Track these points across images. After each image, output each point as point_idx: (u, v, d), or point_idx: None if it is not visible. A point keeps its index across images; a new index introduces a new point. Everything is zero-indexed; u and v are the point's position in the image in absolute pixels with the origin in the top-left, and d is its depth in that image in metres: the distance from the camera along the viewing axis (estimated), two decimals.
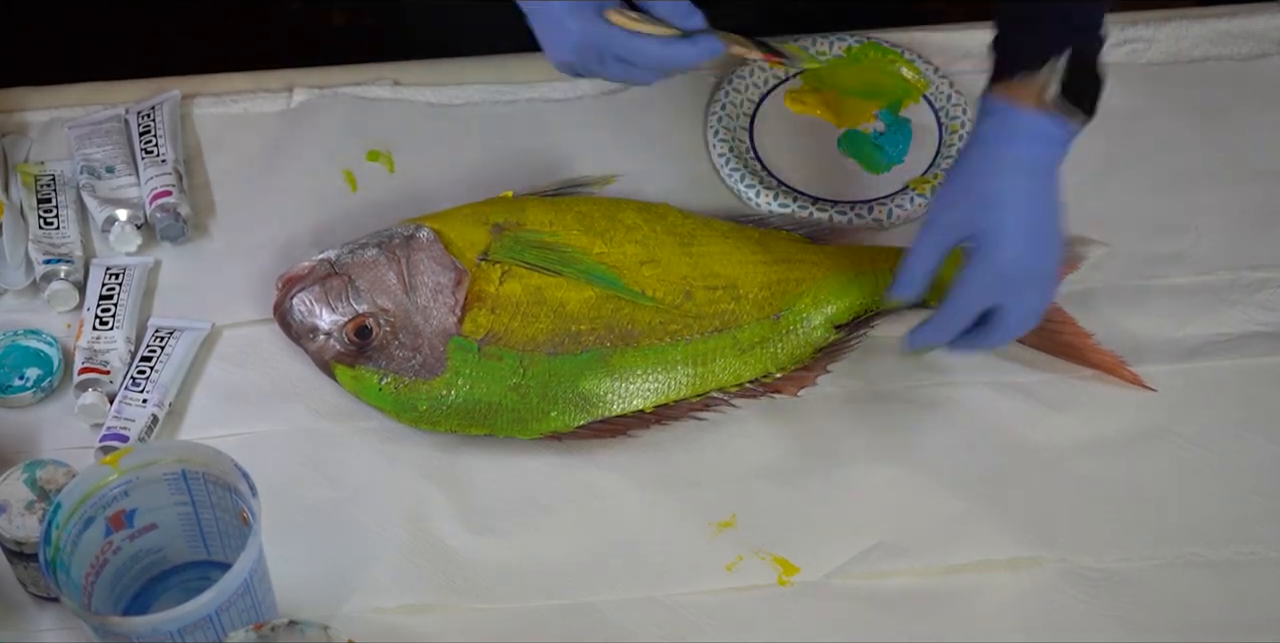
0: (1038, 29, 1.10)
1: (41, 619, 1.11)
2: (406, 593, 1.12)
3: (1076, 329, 1.22)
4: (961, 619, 1.11)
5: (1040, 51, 1.10)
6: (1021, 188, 1.11)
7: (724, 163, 1.32)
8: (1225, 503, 1.16)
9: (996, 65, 1.12)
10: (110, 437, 1.16)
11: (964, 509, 1.16)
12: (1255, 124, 1.36)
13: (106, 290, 1.24)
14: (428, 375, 1.18)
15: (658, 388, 1.18)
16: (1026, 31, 1.11)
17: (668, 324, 1.19)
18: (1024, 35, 1.11)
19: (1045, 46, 1.10)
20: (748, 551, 1.14)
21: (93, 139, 1.32)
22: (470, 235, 1.21)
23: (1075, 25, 1.11)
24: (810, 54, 1.17)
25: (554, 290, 1.19)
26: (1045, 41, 1.10)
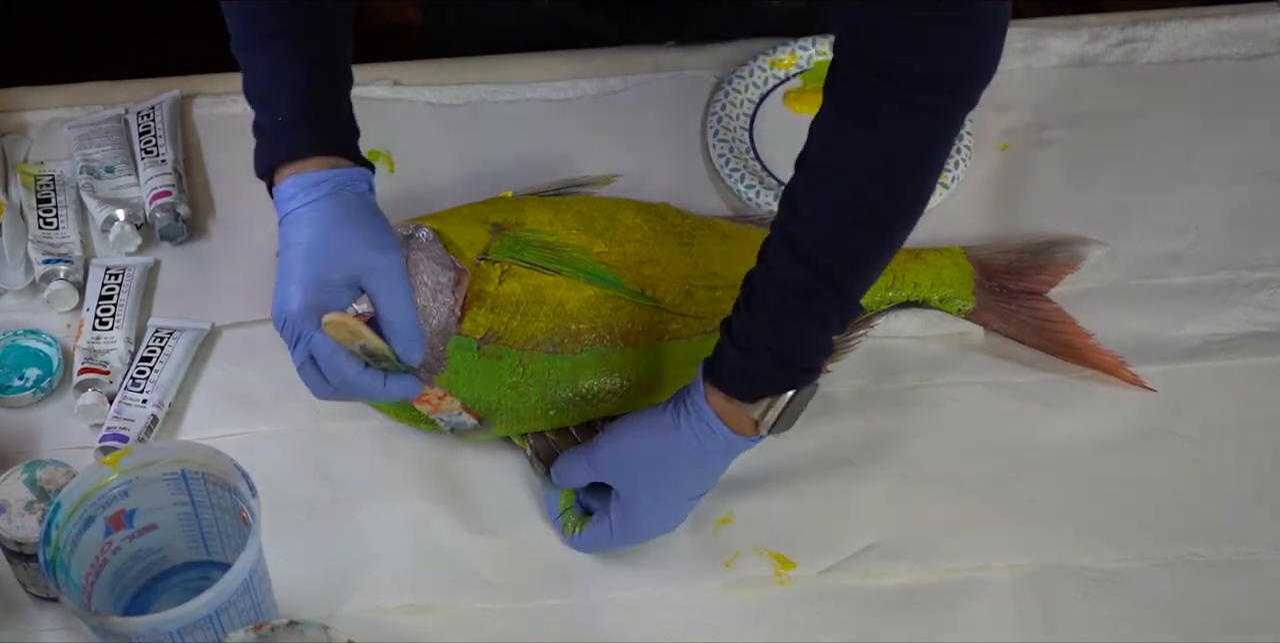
0: (764, 369, 1.05)
1: (41, 619, 1.11)
2: (406, 593, 1.12)
3: (1076, 329, 1.22)
4: (961, 619, 1.11)
5: (763, 390, 1.06)
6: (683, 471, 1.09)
7: (724, 163, 1.32)
8: (1225, 503, 1.16)
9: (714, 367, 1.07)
10: (110, 437, 1.16)
11: (963, 509, 1.16)
12: (1255, 124, 1.36)
13: (106, 290, 1.24)
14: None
15: (657, 387, 1.18)
16: (752, 366, 1.05)
17: (667, 323, 1.19)
18: (749, 369, 1.06)
19: (770, 386, 1.06)
20: (745, 547, 1.14)
21: (92, 139, 1.32)
22: (469, 235, 1.21)
23: (801, 366, 1.06)
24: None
25: (553, 290, 1.19)
26: (771, 382, 1.06)
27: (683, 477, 1.09)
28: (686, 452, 1.08)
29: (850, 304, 1.06)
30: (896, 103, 0.99)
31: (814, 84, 1.37)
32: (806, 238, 1.03)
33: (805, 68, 1.38)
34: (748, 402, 1.06)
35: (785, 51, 1.38)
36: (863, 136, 1.02)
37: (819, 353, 1.07)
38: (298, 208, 1.06)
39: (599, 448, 1.10)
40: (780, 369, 1.06)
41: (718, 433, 1.07)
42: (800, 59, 1.38)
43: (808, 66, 1.38)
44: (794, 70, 1.38)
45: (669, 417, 1.08)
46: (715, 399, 1.07)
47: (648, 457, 1.09)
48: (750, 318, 1.06)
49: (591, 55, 1.40)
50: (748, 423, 1.07)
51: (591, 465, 1.10)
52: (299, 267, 1.04)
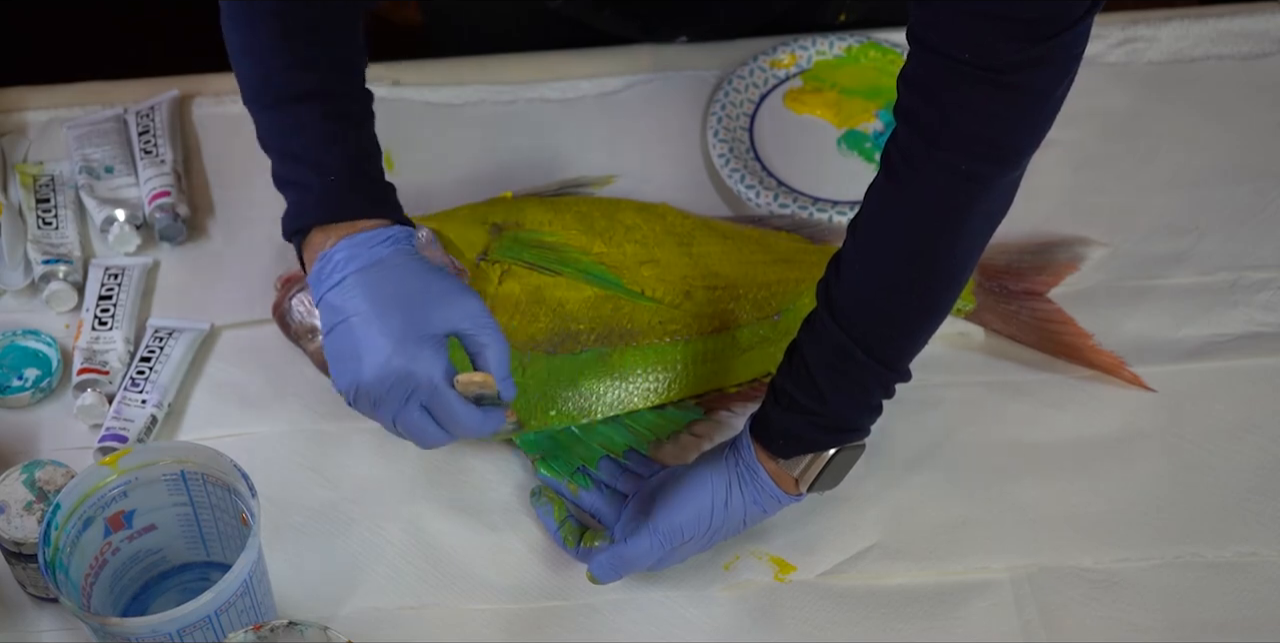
0: (802, 429, 1.06)
1: (41, 620, 1.11)
2: (406, 593, 1.12)
3: (1076, 329, 1.22)
4: (961, 619, 1.11)
5: (803, 447, 1.07)
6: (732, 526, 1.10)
7: (724, 163, 1.32)
8: (1225, 503, 1.16)
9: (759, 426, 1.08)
10: (109, 437, 1.16)
11: (964, 509, 1.16)
12: (1255, 124, 1.36)
13: (105, 291, 1.24)
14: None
15: (657, 388, 1.18)
16: (791, 426, 1.07)
17: (667, 324, 1.19)
18: (788, 429, 1.07)
19: (808, 446, 1.07)
20: (745, 551, 1.14)
21: (91, 139, 1.32)
22: (469, 235, 1.21)
23: (839, 428, 1.07)
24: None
25: (553, 290, 1.19)
26: (809, 443, 1.07)
27: (729, 530, 1.10)
28: (745, 511, 1.09)
29: (891, 370, 1.06)
30: (938, 165, 0.99)
31: (814, 84, 1.37)
32: (845, 303, 1.04)
33: (805, 68, 1.38)
34: (784, 459, 1.07)
35: (785, 51, 1.38)
36: (902, 199, 1.02)
37: (858, 415, 1.08)
38: (356, 271, 1.03)
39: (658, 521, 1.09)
40: (817, 430, 1.07)
41: (771, 495, 1.08)
42: (800, 59, 1.38)
43: (808, 66, 1.38)
44: (794, 70, 1.38)
45: (729, 475, 1.09)
46: (761, 456, 1.08)
47: (704, 517, 1.09)
48: (791, 378, 1.07)
49: (591, 55, 1.40)
50: (789, 481, 1.08)
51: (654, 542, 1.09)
52: (379, 328, 1.02)
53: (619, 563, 1.09)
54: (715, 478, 1.09)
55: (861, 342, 1.04)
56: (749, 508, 1.09)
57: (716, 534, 1.09)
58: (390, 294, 1.03)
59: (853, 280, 1.04)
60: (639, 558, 1.09)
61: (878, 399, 1.07)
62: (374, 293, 1.02)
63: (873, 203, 1.04)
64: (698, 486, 1.09)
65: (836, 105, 1.36)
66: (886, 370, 1.06)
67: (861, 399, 1.07)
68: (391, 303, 1.02)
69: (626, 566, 1.09)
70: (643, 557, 1.09)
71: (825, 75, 1.38)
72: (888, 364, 1.06)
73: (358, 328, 1.02)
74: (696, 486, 1.09)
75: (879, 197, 1.04)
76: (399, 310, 1.02)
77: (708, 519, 1.08)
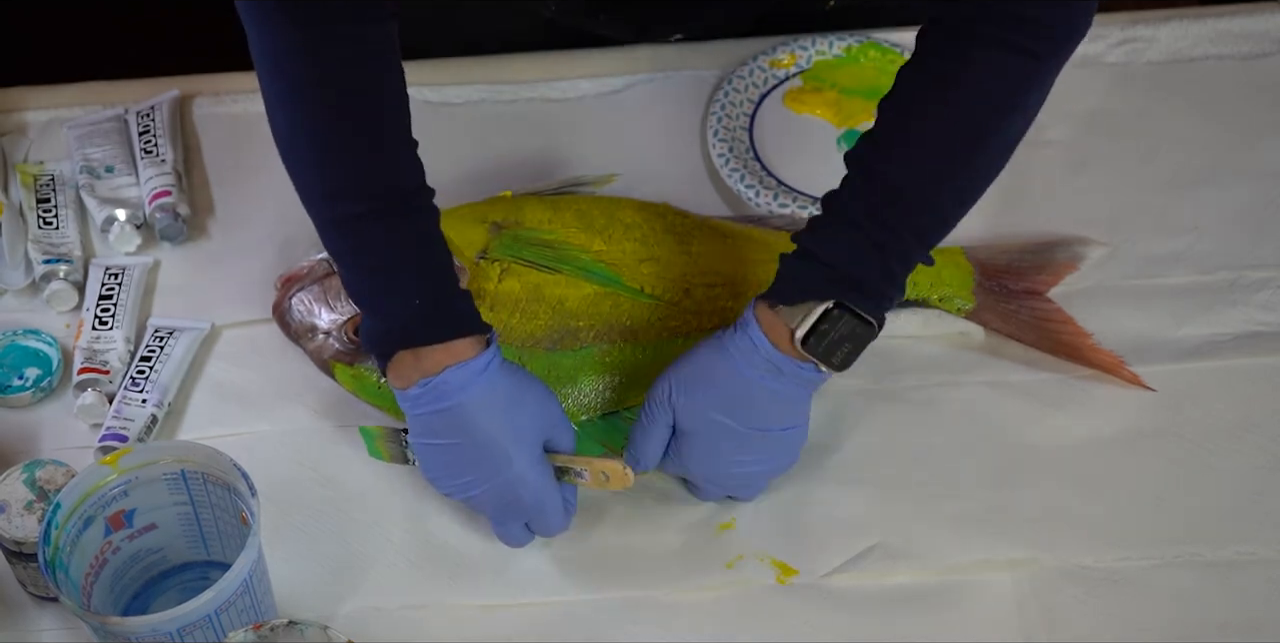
0: (817, 269, 1.06)
1: (41, 619, 1.11)
2: (406, 593, 1.12)
3: (1076, 329, 1.22)
4: (961, 619, 1.11)
5: (803, 291, 1.06)
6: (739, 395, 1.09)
7: (724, 163, 1.32)
8: (1225, 503, 1.16)
9: (773, 283, 1.09)
10: (110, 437, 1.16)
11: (963, 509, 1.16)
12: (1255, 124, 1.36)
13: (106, 290, 1.24)
14: None
15: None
16: (805, 266, 1.07)
17: (667, 320, 1.19)
18: (799, 274, 1.07)
19: (810, 288, 1.06)
20: (748, 552, 1.14)
21: (92, 139, 1.32)
22: (469, 234, 1.21)
23: (855, 279, 1.06)
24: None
25: (553, 288, 1.19)
26: (813, 284, 1.06)
27: (743, 405, 1.09)
28: (736, 377, 1.08)
29: (919, 246, 1.07)
30: (995, 44, 1.01)
31: (814, 84, 1.37)
32: (892, 175, 1.05)
33: (805, 68, 1.38)
34: (788, 305, 1.06)
35: (785, 51, 1.38)
36: (957, 79, 1.03)
37: (878, 281, 1.07)
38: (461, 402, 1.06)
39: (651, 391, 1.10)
40: (830, 281, 1.06)
41: (759, 346, 1.07)
42: (800, 59, 1.38)
43: (808, 66, 1.38)
44: (794, 70, 1.38)
45: (714, 340, 1.09)
46: (761, 310, 1.08)
47: (702, 385, 1.08)
48: (815, 233, 1.07)
49: (591, 55, 1.40)
50: (786, 335, 1.06)
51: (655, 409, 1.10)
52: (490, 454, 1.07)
53: (633, 447, 1.11)
54: (701, 343, 1.10)
55: (898, 214, 1.05)
56: (741, 367, 1.07)
57: (717, 412, 1.09)
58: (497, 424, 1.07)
59: (900, 157, 1.05)
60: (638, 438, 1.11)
61: (892, 269, 1.06)
62: (483, 419, 1.06)
63: (916, 83, 1.05)
64: (682, 355, 1.10)
65: (836, 105, 1.36)
66: (915, 244, 1.06)
67: (880, 262, 1.06)
68: (514, 428, 1.07)
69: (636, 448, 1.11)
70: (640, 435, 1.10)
71: (825, 75, 1.38)
72: (918, 235, 1.06)
73: (468, 452, 1.07)
74: (681, 356, 1.10)
75: (925, 78, 1.05)
76: (522, 434, 1.07)
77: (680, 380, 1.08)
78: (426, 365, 1.05)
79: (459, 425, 1.07)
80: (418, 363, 1.05)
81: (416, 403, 1.07)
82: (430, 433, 1.08)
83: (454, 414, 1.06)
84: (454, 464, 1.09)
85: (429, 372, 1.05)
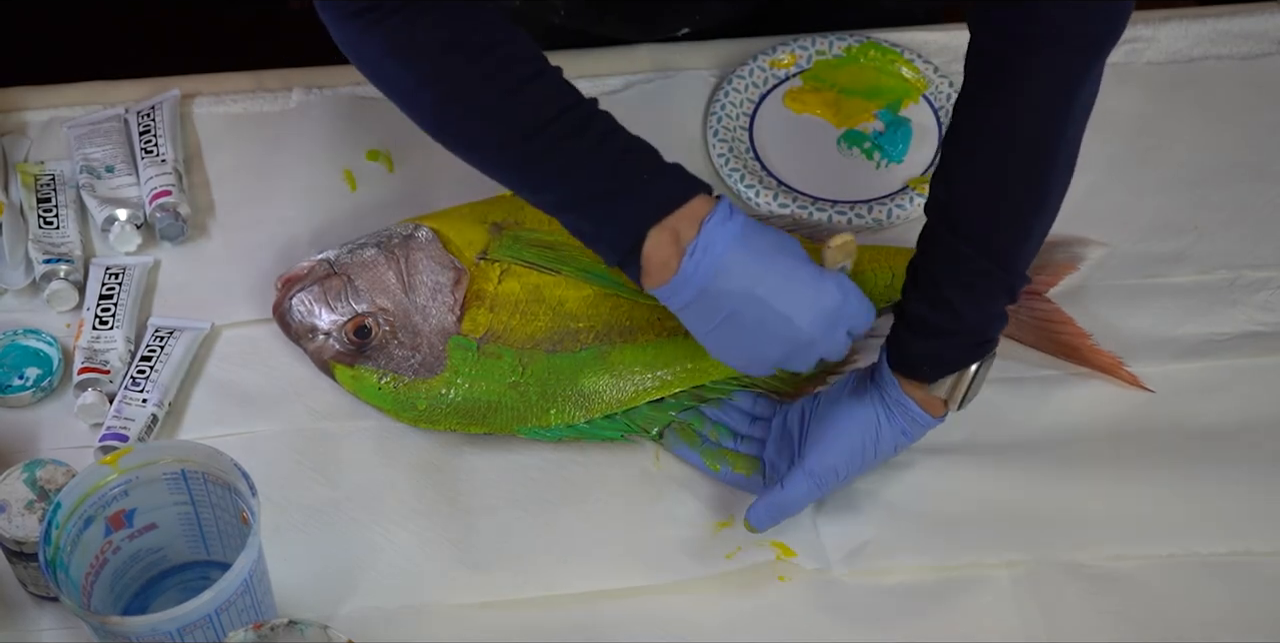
0: (942, 350, 1.09)
1: (41, 619, 1.11)
2: (406, 593, 1.12)
3: (1076, 329, 1.22)
4: (961, 619, 1.11)
5: (948, 367, 1.09)
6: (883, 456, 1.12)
7: (724, 163, 1.32)
8: (1225, 503, 1.16)
9: (898, 357, 1.10)
10: (110, 436, 1.16)
11: (963, 508, 1.16)
12: (1255, 124, 1.36)
13: (106, 290, 1.24)
14: (427, 374, 1.17)
15: (656, 384, 1.18)
16: (930, 349, 1.09)
17: (665, 320, 1.19)
18: (928, 353, 1.09)
19: (951, 366, 1.09)
20: (747, 544, 1.14)
21: (92, 139, 1.32)
22: (469, 234, 1.21)
23: (980, 339, 1.09)
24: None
25: (552, 289, 1.19)
26: (952, 362, 1.09)
27: (878, 461, 1.13)
28: (897, 443, 1.11)
29: (1016, 273, 1.08)
30: (1038, 62, 1.03)
31: (814, 84, 1.37)
32: (964, 215, 1.07)
33: (805, 68, 1.38)
34: (930, 383, 1.09)
35: (785, 51, 1.38)
36: (1008, 102, 1.05)
37: (991, 325, 1.09)
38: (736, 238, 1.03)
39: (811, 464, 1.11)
40: (959, 350, 1.09)
41: (921, 422, 1.11)
42: (800, 59, 1.38)
43: (808, 66, 1.38)
44: (794, 70, 1.38)
45: (880, 412, 1.11)
46: (906, 386, 1.10)
47: (856, 455, 1.11)
48: (923, 302, 1.08)
49: (591, 55, 1.40)
50: (936, 403, 1.10)
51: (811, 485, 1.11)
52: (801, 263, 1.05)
53: (776, 510, 1.11)
54: (864, 415, 1.11)
55: (987, 251, 1.07)
56: (898, 438, 1.11)
57: (866, 467, 1.12)
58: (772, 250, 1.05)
59: (967, 191, 1.07)
60: (795, 502, 1.11)
61: (1004, 306, 1.09)
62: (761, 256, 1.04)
63: (969, 116, 1.07)
64: (847, 424, 1.11)
65: (836, 105, 1.36)
66: (1011, 276, 1.08)
67: (992, 309, 1.09)
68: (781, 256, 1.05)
69: (783, 511, 1.11)
70: (799, 500, 1.11)
71: (825, 75, 1.38)
72: (1012, 269, 1.08)
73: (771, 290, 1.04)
74: (846, 425, 1.11)
75: (977, 108, 1.06)
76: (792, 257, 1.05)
77: (859, 456, 1.11)
78: (685, 234, 1.03)
79: (743, 270, 1.03)
80: (676, 238, 1.03)
81: (693, 279, 1.03)
82: (718, 305, 1.04)
83: (735, 262, 1.03)
84: (758, 325, 1.05)
85: (689, 238, 1.03)
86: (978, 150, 1.07)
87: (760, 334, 1.05)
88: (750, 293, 1.04)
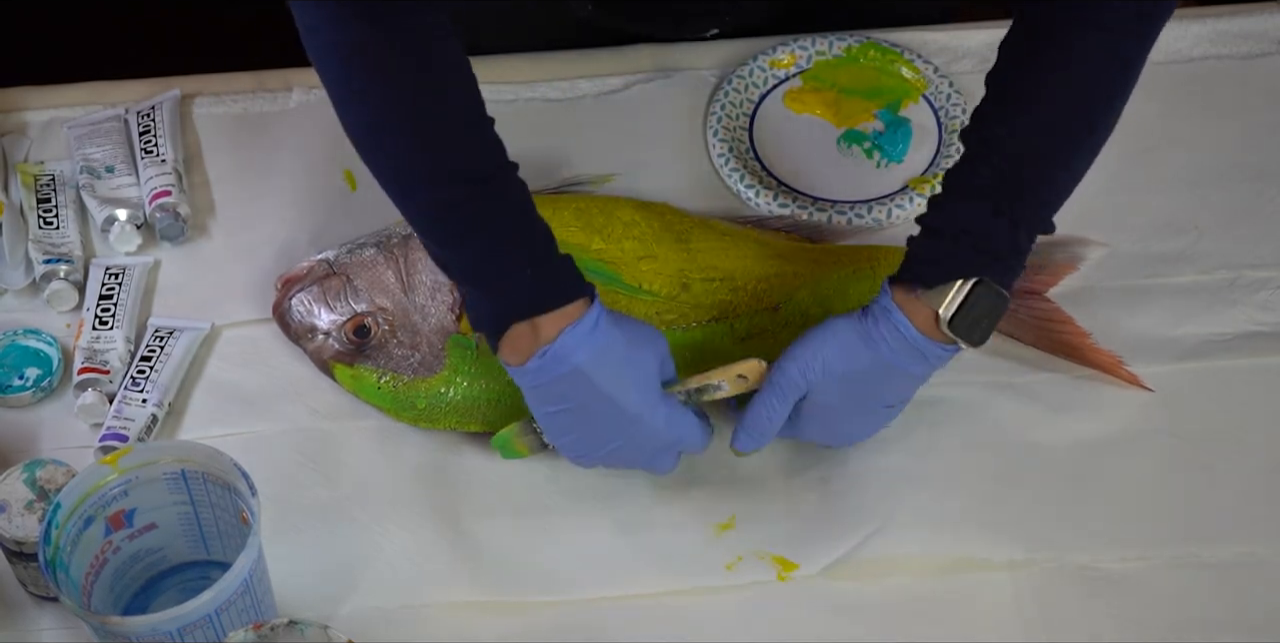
0: (953, 246, 1.07)
1: (41, 619, 1.11)
2: (406, 593, 1.12)
3: (1076, 329, 1.22)
4: (961, 619, 1.11)
5: (943, 272, 1.07)
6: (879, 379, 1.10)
7: (724, 163, 1.32)
8: (1224, 503, 1.16)
9: (904, 265, 1.09)
10: (110, 436, 1.16)
11: (963, 509, 1.16)
12: (1255, 124, 1.36)
13: (106, 290, 1.24)
14: (426, 374, 1.17)
15: None
16: (941, 245, 1.08)
17: (664, 313, 1.19)
18: (936, 248, 1.08)
19: (950, 268, 1.07)
20: (747, 551, 1.14)
21: (92, 139, 1.32)
22: None
23: (992, 251, 1.07)
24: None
25: None
26: (955, 265, 1.07)
27: (875, 386, 1.10)
28: (879, 363, 1.08)
29: (1043, 214, 1.09)
30: (1093, 25, 1.04)
31: (814, 84, 1.37)
32: (1006, 149, 1.07)
33: (805, 68, 1.38)
34: (928, 287, 1.07)
35: (785, 51, 1.38)
36: (1061, 58, 1.06)
37: (1005, 248, 1.08)
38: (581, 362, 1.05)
39: (774, 375, 1.10)
40: (966, 252, 1.07)
41: (907, 336, 1.07)
42: (800, 59, 1.38)
43: (808, 66, 1.38)
44: (794, 70, 1.38)
45: (856, 324, 1.09)
46: (899, 295, 1.08)
47: (838, 367, 1.09)
48: (943, 210, 1.08)
49: (591, 55, 1.40)
50: (930, 318, 1.07)
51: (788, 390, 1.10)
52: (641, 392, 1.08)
53: (746, 427, 1.11)
54: (840, 326, 1.09)
55: (1020, 183, 1.06)
56: (884, 355, 1.08)
57: (852, 392, 1.10)
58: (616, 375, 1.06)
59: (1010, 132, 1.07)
60: (760, 416, 1.10)
61: (1019, 241, 1.08)
62: (606, 372, 1.06)
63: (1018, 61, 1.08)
64: (817, 334, 1.10)
65: (836, 105, 1.36)
66: (1036, 215, 1.08)
67: (1008, 233, 1.07)
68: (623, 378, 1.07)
69: (757, 427, 1.11)
70: (763, 413, 1.10)
71: (825, 75, 1.38)
72: (1040, 207, 1.08)
73: (597, 408, 1.07)
74: (816, 335, 1.10)
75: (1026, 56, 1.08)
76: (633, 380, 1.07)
77: (819, 363, 1.09)
78: (544, 333, 1.04)
79: (584, 384, 1.06)
80: (535, 333, 1.04)
81: (538, 375, 1.06)
82: (556, 400, 1.07)
83: (577, 375, 1.05)
84: (586, 425, 1.08)
85: (547, 339, 1.04)
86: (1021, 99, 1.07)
87: (586, 437, 1.10)
88: (581, 406, 1.07)
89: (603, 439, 1.09)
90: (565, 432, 1.10)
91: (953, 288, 1.06)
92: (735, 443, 1.12)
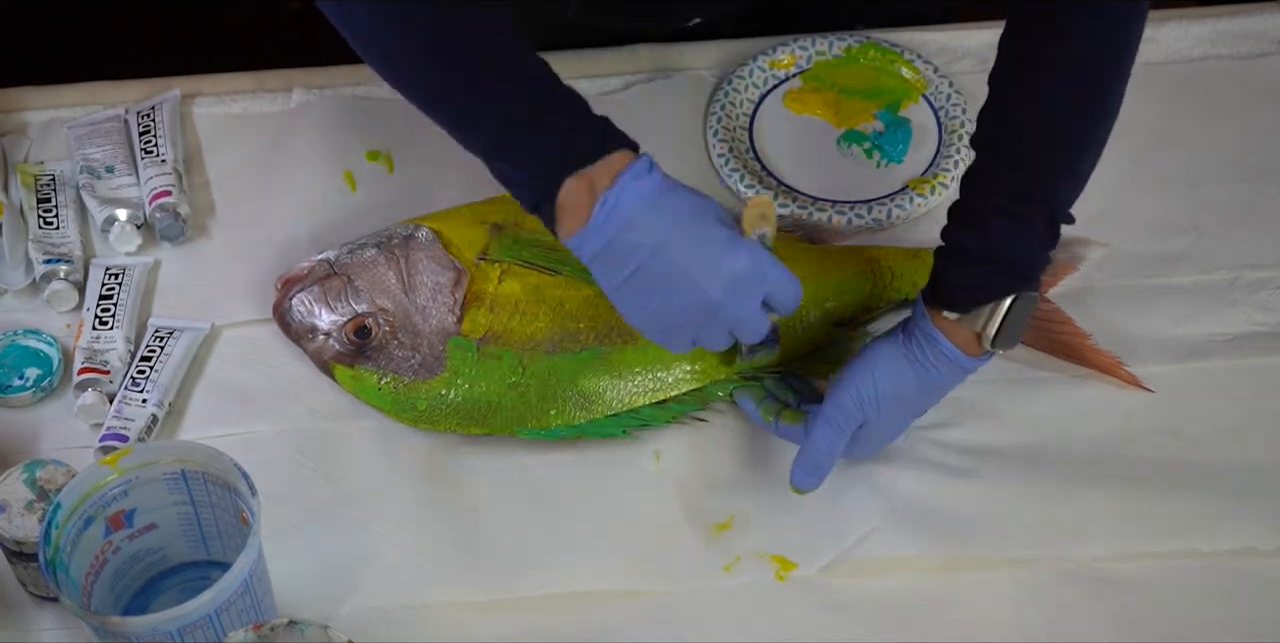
0: (987, 270, 1.09)
1: (41, 619, 1.11)
2: (406, 593, 1.12)
3: (1076, 329, 1.23)
4: (960, 619, 1.11)
5: (979, 295, 1.09)
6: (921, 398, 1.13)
7: (724, 163, 1.32)
8: (1224, 503, 1.16)
9: (934, 290, 1.11)
10: (110, 437, 1.16)
11: (962, 508, 1.16)
12: (1255, 124, 1.36)
13: (106, 290, 1.24)
14: (427, 375, 1.18)
15: (656, 385, 1.18)
16: (974, 271, 1.09)
17: None
18: (970, 274, 1.09)
19: (984, 291, 1.09)
20: (746, 551, 1.14)
21: (92, 139, 1.32)
22: (469, 235, 1.21)
23: (1026, 269, 1.10)
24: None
25: (553, 289, 1.19)
26: (988, 290, 1.09)
27: (918, 403, 1.13)
28: (925, 383, 1.11)
29: (1059, 210, 1.09)
30: (1090, 11, 1.05)
31: (814, 84, 1.37)
32: (1015, 149, 1.08)
33: (805, 68, 1.38)
34: (966, 312, 1.09)
35: (785, 51, 1.38)
36: (1062, 46, 1.07)
37: (1032, 259, 1.09)
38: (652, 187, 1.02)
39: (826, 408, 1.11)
40: (995, 277, 1.08)
41: (952, 358, 1.10)
42: (800, 59, 1.38)
43: (808, 66, 1.38)
44: (794, 70, 1.38)
45: (901, 349, 1.11)
46: (939, 321, 1.09)
47: (890, 393, 1.11)
48: (962, 231, 1.09)
49: (591, 55, 1.40)
50: (971, 339, 1.09)
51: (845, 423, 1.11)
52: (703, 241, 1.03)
53: (806, 464, 1.11)
54: (884, 351, 1.11)
55: (1034, 182, 1.07)
56: (932, 376, 1.10)
57: (899, 411, 1.12)
58: (689, 207, 1.04)
59: (1019, 128, 1.08)
60: (820, 452, 1.11)
61: (1044, 239, 1.09)
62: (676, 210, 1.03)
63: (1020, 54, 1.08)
64: (866, 363, 1.11)
65: (836, 105, 1.36)
66: (1056, 211, 1.09)
67: (1033, 242, 1.09)
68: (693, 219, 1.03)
69: (815, 462, 1.11)
70: (824, 448, 1.11)
71: (825, 75, 1.38)
72: (1058, 203, 1.09)
73: (673, 254, 1.02)
74: (864, 363, 1.11)
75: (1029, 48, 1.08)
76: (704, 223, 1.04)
77: (873, 393, 1.10)
78: (600, 183, 1.02)
79: (655, 222, 1.02)
80: (591, 187, 1.02)
81: (604, 228, 1.02)
82: (629, 256, 1.03)
83: (648, 209, 1.02)
84: (666, 285, 1.03)
85: (603, 186, 1.02)
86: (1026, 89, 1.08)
87: (666, 294, 1.04)
88: (657, 249, 1.03)
89: (684, 294, 1.03)
90: (645, 302, 1.04)
91: (992, 308, 1.09)
92: (795, 481, 1.12)
